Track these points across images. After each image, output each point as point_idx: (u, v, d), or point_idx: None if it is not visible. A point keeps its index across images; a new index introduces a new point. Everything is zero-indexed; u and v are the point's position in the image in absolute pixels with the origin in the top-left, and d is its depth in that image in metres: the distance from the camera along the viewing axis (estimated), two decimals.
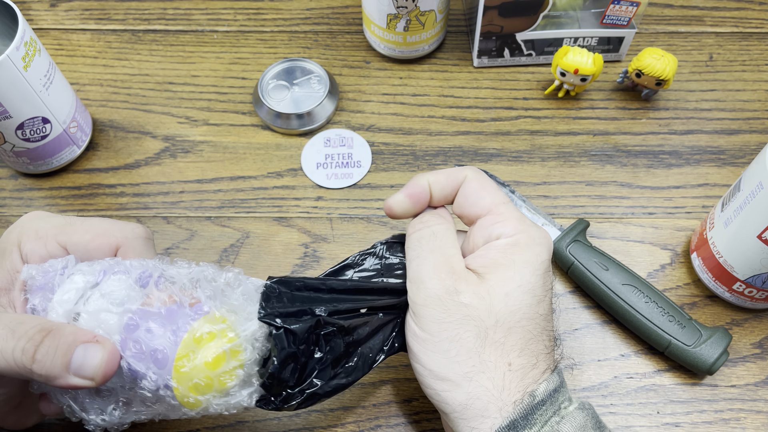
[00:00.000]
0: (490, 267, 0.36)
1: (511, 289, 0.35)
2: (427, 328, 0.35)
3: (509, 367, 0.34)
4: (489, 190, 0.38)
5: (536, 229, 0.37)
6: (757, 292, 0.46)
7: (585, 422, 0.34)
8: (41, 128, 0.51)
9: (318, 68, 0.59)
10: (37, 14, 0.65)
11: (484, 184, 0.38)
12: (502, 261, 0.36)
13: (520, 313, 0.35)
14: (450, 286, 0.35)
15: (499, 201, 0.38)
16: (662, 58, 0.55)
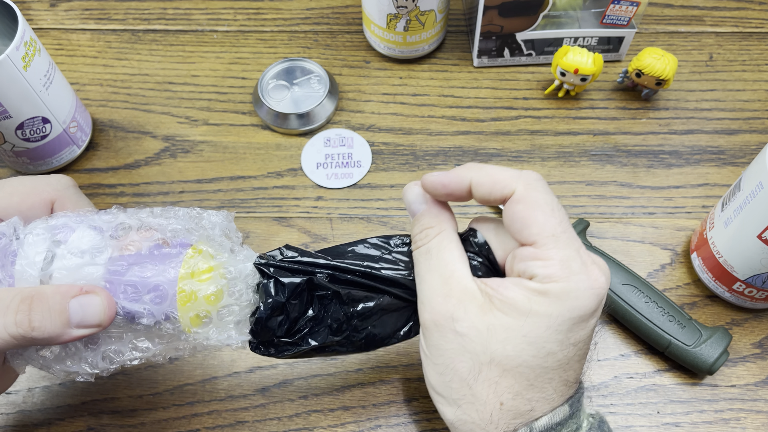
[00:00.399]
0: (506, 304, 0.32)
1: (514, 336, 0.32)
2: (427, 347, 0.34)
3: (501, 406, 0.32)
4: (537, 217, 0.32)
5: (581, 280, 0.32)
6: (757, 292, 0.46)
7: None
8: (41, 128, 0.51)
9: (318, 68, 0.59)
10: (37, 14, 0.65)
11: (532, 207, 0.33)
12: (521, 305, 0.32)
13: (519, 360, 0.32)
14: (446, 312, 0.33)
15: (547, 233, 0.32)
16: (662, 58, 0.55)
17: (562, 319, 0.32)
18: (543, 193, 0.33)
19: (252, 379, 0.46)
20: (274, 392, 0.46)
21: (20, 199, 0.36)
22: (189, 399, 0.45)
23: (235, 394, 0.45)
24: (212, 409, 0.45)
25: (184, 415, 0.45)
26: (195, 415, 0.45)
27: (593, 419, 0.35)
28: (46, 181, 0.37)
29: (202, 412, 0.45)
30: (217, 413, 0.45)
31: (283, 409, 0.45)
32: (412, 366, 0.46)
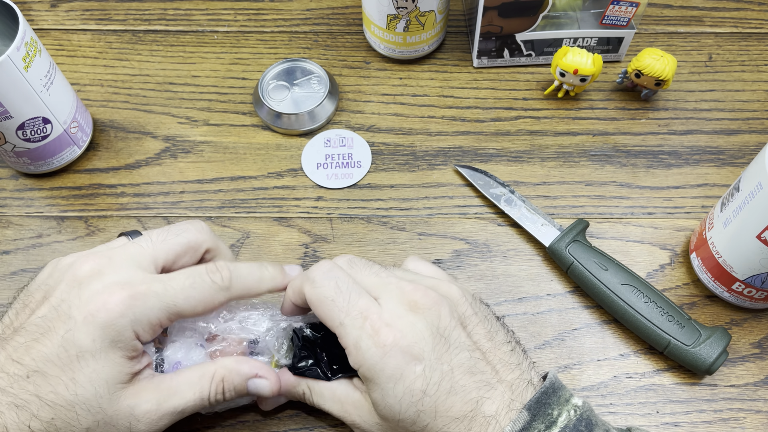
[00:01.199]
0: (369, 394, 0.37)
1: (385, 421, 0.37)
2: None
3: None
4: (324, 314, 0.37)
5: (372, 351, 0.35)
6: (756, 292, 0.46)
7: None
8: (42, 128, 0.51)
9: (318, 68, 0.59)
10: (37, 14, 0.65)
11: (319, 307, 0.38)
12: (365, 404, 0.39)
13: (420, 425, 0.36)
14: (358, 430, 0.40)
15: (335, 325, 0.37)
16: (661, 59, 0.55)
17: (392, 390, 0.35)
18: (321, 287, 0.37)
19: None
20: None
21: (201, 309, 0.38)
22: None
23: None
24: None
25: None
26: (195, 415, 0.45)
27: (574, 413, 0.35)
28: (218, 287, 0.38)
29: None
30: (216, 413, 0.45)
31: (283, 408, 0.45)
32: None
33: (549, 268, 0.51)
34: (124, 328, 0.35)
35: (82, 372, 0.34)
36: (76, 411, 0.34)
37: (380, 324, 0.36)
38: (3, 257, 0.51)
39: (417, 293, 0.37)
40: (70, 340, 0.34)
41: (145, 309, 0.36)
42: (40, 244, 0.52)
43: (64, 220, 0.53)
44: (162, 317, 0.36)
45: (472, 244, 0.52)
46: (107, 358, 0.35)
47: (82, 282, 0.36)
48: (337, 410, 0.40)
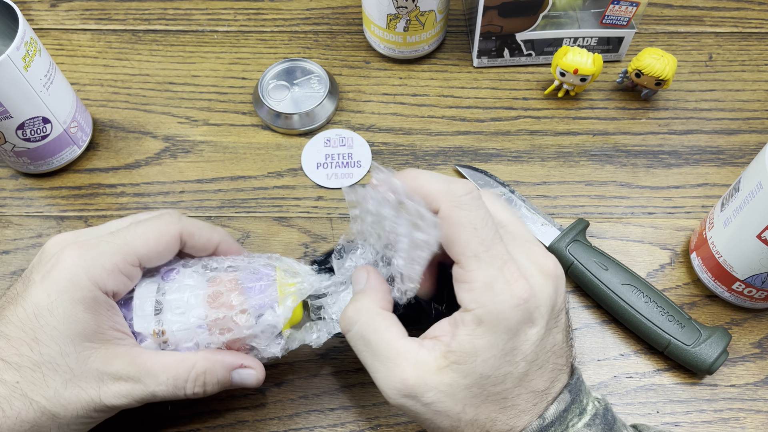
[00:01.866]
0: (456, 354, 0.33)
1: (474, 379, 0.33)
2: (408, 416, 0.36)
3: None
4: (459, 238, 0.33)
5: (505, 300, 0.32)
6: (756, 292, 0.46)
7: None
8: (42, 128, 0.51)
9: (318, 68, 0.59)
10: (37, 14, 0.65)
11: (454, 227, 0.33)
12: (467, 348, 0.33)
13: (485, 394, 0.33)
14: (408, 392, 0.33)
15: (469, 254, 0.33)
16: (662, 58, 0.55)
17: (503, 343, 0.33)
18: (467, 210, 0.33)
19: None
20: (274, 392, 0.46)
21: (156, 243, 0.38)
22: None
23: (236, 394, 0.45)
24: (212, 409, 0.45)
25: (184, 415, 0.45)
26: (195, 415, 0.45)
27: (599, 404, 0.36)
28: (167, 220, 0.39)
29: (202, 411, 0.45)
30: (217, 413, 0.45)
31: (283, 409, 0.45)
32: None
33: None
34: (77, 277, 0.35)
35: (43, 330, 0.34)
36: (42, 371, 0.34)
37: (518, 275, 0.33)
38: (3, 257, 0.51)
39: (549, 260, 0.35)
40: (27, 300, 0.35)
41: (97, 255, 0.36)
42: (39, 244, 0.52)
43: (63, 220, 0.53)
44: (118, 261, 0.36)
45: None
46: (66, 313, 0.34)
47: (46, 250, 0.37)
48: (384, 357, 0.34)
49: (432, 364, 0.33)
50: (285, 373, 0.46)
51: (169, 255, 0.39)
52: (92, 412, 0.36)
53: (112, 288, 0.36)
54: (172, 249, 0.39)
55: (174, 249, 0.39)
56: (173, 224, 0.39)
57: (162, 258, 0.39)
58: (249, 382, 0.39)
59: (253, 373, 0.39)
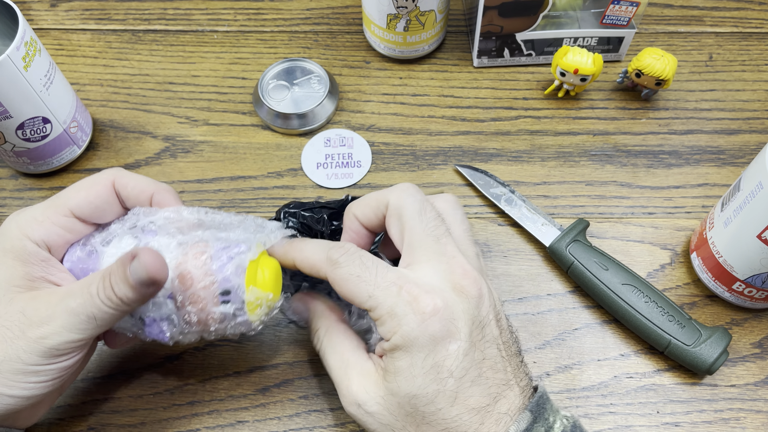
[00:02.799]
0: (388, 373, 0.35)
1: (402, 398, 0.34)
2: None
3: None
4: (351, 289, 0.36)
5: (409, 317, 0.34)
6: (756, 292, 0.46)
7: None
8: (41, 128, 0.51)
9: (318, 68, 0.59)
10: (37, 14, 0.65)
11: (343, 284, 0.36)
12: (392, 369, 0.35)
13: (420, 415, 0.34)
14: (354, 400, 0.36)
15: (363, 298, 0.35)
16: (662, 58, 0.55)
17: (421, 361, 0.34)
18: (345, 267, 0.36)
19: (252, 379, 0.46)
20: (274, 392, 0.46)
21: (86, 192, 0.38)
22: (189, 399, 0.45)
23: (235, 394, 0.45)
24: (212, 409, 0.45)
25: (184, 415, 0.45)
26: (195, 415, 0.45)
27: (567, 422, 0.35)
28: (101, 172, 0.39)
29: (202, 412, 0.45)
30: (217, 413, 0.45)
31: (283, 409, 0.45)
32: None
33: (549, 267, 0.51)
34: (8, 228, 0.37)
35: None
36: None
37: (417, 292, 0.34)
38: None
39: (467, 279, 0.35)
40: None
41: (31, 210, 0.37)
42: None
43: None
44: (50, 213, 0.37)
45: None
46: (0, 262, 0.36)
47: None
48: (336, 368, 0.37)
49: (374, 375, 0.36)
50: (285, 373, 0.46)
51: (107, 205, 0.38)
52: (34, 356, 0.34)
53: (43, 237, 0.37)
54: (107, 199, 0.38)
55: (109, 199, 0.38)
56: (105, 174, 0.39)
57: (99, 209, 0.38)
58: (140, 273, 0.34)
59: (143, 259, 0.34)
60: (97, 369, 0.46)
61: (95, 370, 0.46)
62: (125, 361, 0.47)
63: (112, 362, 0.46)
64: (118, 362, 0.46)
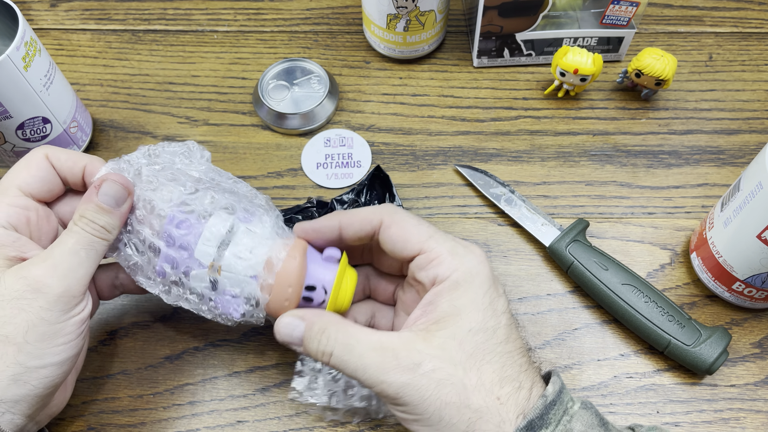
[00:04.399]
0: (440, 322, 0.35)
1: (463, 335, 0.35)
2: (413, 411, 0.34)
3: (499, 401, 0.34)
4: (410, 230, 0.38)
5: (470, 256, 0.37)
6: (756, 292, 0.46)
7: (591, 420, 0.35)
8: (41, 128, 0.51)
9: (318, 68, 0.59)
10: (37, 14, 0.65)
11: (403, 224, 0.38)
12: (449, 310, 0.35)
13: (481, 353, 0.35)
14: (407, 367, 0.34)
15: (425, 236, 0.37)
16: (662, 58, 0.55)
17: (481, 297, 0.36)
18: (404, 213, 0.39)
19: (252, 379, 0.46)
20: (274, 392, 0.46)
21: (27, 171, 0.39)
22: (189, 399, 0.45)
23: (235, 394, 0.45)
24: (212, 409, 0.45)
25: (184, 415, 0.45)
26: (195, 415, 0.45)
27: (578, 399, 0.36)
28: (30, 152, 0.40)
29: (202, 412, 0.45)
30: (217, 413, 0.45)
31: (283, 409, 0.45)
32: None
33: (549, 267, 0.51)
34: None
35: None
36: None
37: (467, 243, 0.38)
38: None
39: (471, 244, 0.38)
40: None
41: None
42: None
43: None
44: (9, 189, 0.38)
45: None
46: None
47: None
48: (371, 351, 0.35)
49: (416, 337, 0.35)
50: (285, 373, 0.46)
51: (50, 176, 0.39)
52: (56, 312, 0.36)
53: (6, 219, 0.38)
54: (45, 171, 0.39)
55: (46, 171, 0.39)
56: (36, 152, 0.40)
57: (44, 181, 0.39)
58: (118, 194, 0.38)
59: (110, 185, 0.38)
60: (97, 369, 0.46)
61: (95, 370, 0.46)
62: (125, 361, 0.47)
63: (113, 362, 0.46)
64: (118, 362, 0.47)
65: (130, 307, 0.49)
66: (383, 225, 0.38)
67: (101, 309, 0.48)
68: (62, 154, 0.40)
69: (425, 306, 0.36)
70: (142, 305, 0.49)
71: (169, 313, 0.48)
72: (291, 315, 0.38)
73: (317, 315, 0.37)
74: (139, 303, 0.49)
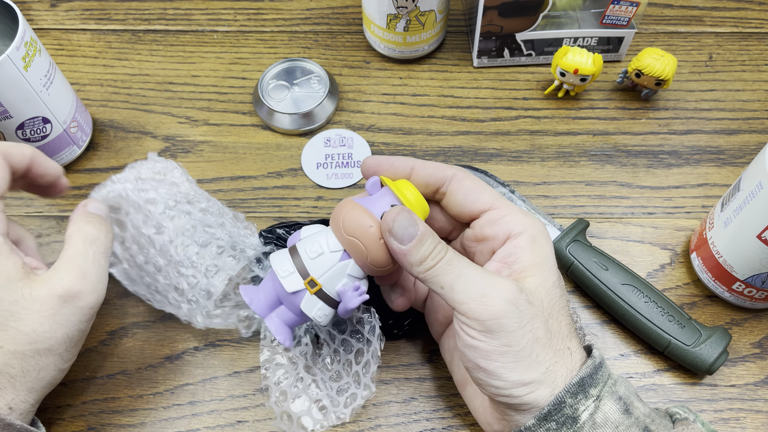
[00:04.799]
0: (527, 270, 0.37)
1: (550, 286, 0.36)
2: (505, 340, 0.34)
3: (569, 350, 0.36)
4: (485, 187, 0.39)
5: (535, 218, 0.39)
6: (756, 292, 0.46)
7: (630, 389, 0.37)
8: (41, 128, 0.51)
9: (318, 68, 0.59)
10: (37, 14, 0.65)
11: (477, 181, 0.39)
12: (534, 261, 0.37)
13: (559, 305, 0.37)
14: (513, 289, 0.35)
15: (497, 195, 0.39)
16: (662, 58, 0.55)
17: (553, 255, 0.38)
18: (475, 178, 0.40)
19: (252, 379, 0.46)
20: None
21: None
22: (189, 399, 0.45)
23: (235, 394, 0.45)
24: (212, 409, 0.45)
25: (184, 415, 0.45)
26: (195, 415, 0.45)
27: None
28: None
29: (202, 412, 0.45)
30: (217, 413, 0.45)
31: None
32: (412, 366, 0.46)
33: None
34: None
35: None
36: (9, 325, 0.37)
37: None
38: None
39: None
40: None
41: None
42: (40, 244, 0.52)
43: (63, 220, 0.53)
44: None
45: None
46: None
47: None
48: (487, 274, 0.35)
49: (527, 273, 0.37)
50: None
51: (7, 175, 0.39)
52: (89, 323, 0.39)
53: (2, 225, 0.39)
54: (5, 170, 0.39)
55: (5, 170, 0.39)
56: None
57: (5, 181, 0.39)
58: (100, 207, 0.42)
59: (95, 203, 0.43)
60: (97, 369, 0.46)
61: (95, 370, 0.46)
62: (125, 361, 0.47)
63: (113, 362, 0.46)
64: (118, 362, 0.47)
65: (130, 307, 0.49)
66: (456, 178, 0.39)
67: (101, 309, 0.48)
68: (10, 148, 0.40)
69: (505, 258, 0.37)
70: (142, 305, 0.49)
71: (169, 313, 0.48)
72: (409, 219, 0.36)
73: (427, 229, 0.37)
74: (139, 303, 0.49)
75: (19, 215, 0.53)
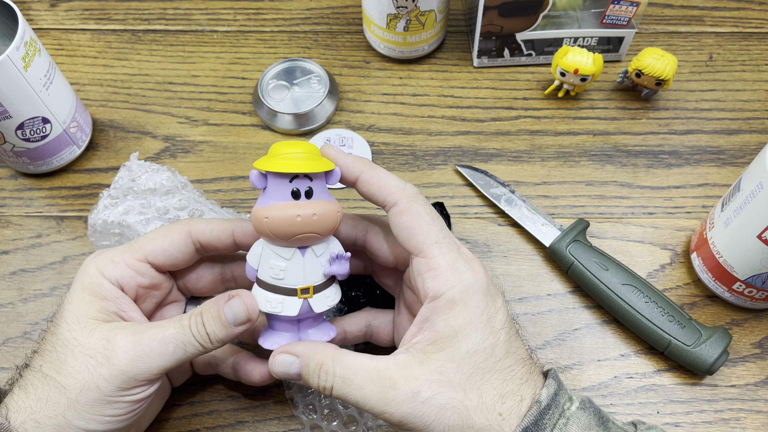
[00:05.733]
0: (436, 343, 0.34)
1: (461, 358, 0.34)
2: None
3: (501, 416, 0.34)
4: (420, 227, 0.36)
5: (469, 273, 0.35)
6: (757, 292, 0.46)
7: (589, 421, 0.34)
8: (41, 128, 0.51)
9: (318, 68, 0.59)
10: (37, 14, 0.65)
11: (415, 218, 0.36)
12: (445, 331, 0.34)
13: (480, 372, 0.34)
14: (404, 397, 0.33)
15: (430, 241, 0.35)
16: (662, 58, 0.55)
17: (478, 316, 0.35)
18: (423, 205, 0.36)
19: None
20: (274, 392, 0.46)
21: (162, 240, 0.39)
22: (189, 399, 0.45)
23: (235, 394, 0.45)
24: (212, 409, 0.45)
25: (184, 415, 0.45)
26: (195, 415, 0.45)
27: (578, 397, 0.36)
28: (178, 221, 0.40)
29: (202, 412, 0.45)
30: (217, 413, 0.45)
31: (283, 409, 0.45)
32: None
33: (549, 268, 0.51)
34: (88, 267, 0.39)
35: (61, 316, 0.37)
36: (56, 350, 0.36)
37: (470, 255, 0.36)
38: (2, 257, 0.51)
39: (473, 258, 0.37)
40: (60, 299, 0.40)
41: (110, 252, 0.39)
42: (39, 244, 0.52)
43: (63, 220, 0.53)
44: (126, 256, 0.39)
45: (472, 243, 0.52)
46: (78, 298, 0.37)
47: None
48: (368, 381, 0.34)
49: (413, 361, 0.34)
50: None
51: (180, 254, 0.39)
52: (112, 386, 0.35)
53: (117, 277, 0.38)
54: (181, 247, 0.39)
55: (183, 247, 0.39)
56: (181, 223, 0.40)
57: (173, 256, 0.39)
58: (240, 314, 0.36)
59: (241, 301, 0.37)
60: None
61: None
62: None
63: None
64: None
65: None
66: (397, 207, 0.36)
67: None
68: (206, 227, 0.40)
69: (421, 323, 0.35)
70: None
71: None
72: (285, 351, 0.36)
73: (311, 349, 0.36)
74: None
75: (19, 215, 0.53)
